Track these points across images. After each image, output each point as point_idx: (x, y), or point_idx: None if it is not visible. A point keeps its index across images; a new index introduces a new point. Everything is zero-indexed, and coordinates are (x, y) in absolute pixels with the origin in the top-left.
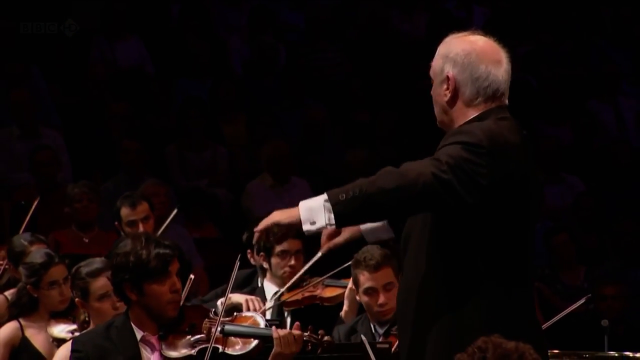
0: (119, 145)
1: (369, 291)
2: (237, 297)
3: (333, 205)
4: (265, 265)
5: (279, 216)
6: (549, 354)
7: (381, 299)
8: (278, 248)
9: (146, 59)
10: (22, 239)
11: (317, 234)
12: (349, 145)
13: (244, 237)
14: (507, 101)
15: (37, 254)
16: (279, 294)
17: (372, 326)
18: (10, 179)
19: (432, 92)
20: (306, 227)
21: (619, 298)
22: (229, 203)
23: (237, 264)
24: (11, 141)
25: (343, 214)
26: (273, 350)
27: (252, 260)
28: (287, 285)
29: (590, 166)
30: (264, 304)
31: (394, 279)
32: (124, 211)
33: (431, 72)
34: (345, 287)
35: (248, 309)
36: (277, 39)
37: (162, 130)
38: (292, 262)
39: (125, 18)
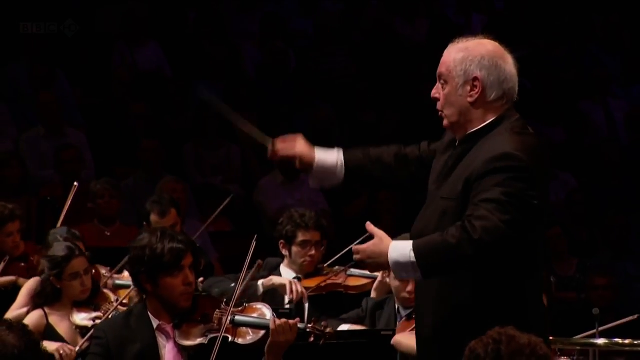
0: (138, 144)
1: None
2: (280, 280)
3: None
4: (285, 252)
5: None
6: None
7: (410, 287)
8: (300, 238)
9: (164, 63)
10: (58, 233)
11: None
12: (355, 143)
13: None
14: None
15: (59, 247)
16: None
17: (396, 307)
18: (37, 175)
19: (446, 95)
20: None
21: (609, 288)
22: (242, 198)
23: (253, 244)
24: (38, 140)
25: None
26: (269, 340)
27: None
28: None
29: (582, 163)
30: (275, 292)
31: None
32: (153, 217)
33: (445, 76)
34: (370, 278)
35: (291, 292)
36: (288, 44)
37: (179, 130)
38: (312, 252)
39: (144, 24)
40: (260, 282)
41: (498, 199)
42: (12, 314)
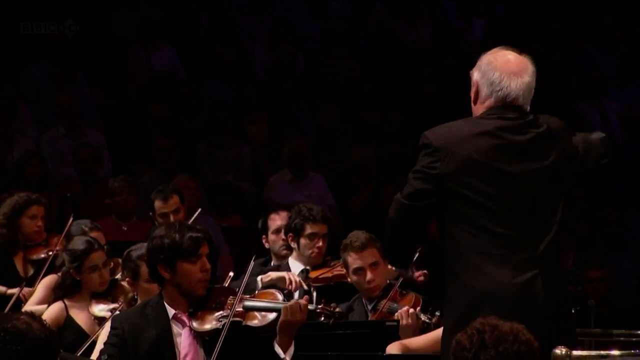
0: (154, 143)
1: (357, 271)
2: (277, 274)
3: None
4: (293, 245)
5: None
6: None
7: (368, 275)
8: (308, 230)
9: (178, 66)
10: (82, 224)
11: None
12: (360, 142)
13: (259, 223)
14: (522, 104)
15: (79, 241)
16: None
17: (364, 303)
18: (57, 173)
19: None
20: None
21: (604, 281)
22: (253, 195)
23: (251, 264)
24: (57, 140)
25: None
26: (280, 320)
27: (266, 245)
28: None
29: None
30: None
31: (379, 258)
32: (157, 204)
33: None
34: None
35: (290, 283)
36: (296, 47)
37: (193, 129)
38: (320, 243)
39: (159, 29)
40: (259, 278)
41: (408, 176)
42: (30, 307)
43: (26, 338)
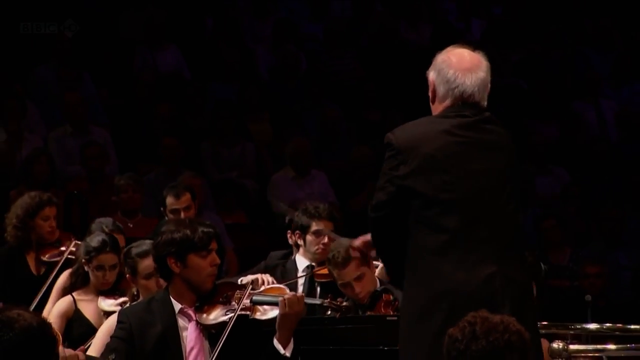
0: (159, 141)
1: (344, 286)
2: (251, 276)
3: None
4: (300, 242)
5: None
6: (538, 326)
7: (356, 289)
8: (314, 227)
9: (183, 66)
10: (103, 223)
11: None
12: (361, 141)
13: (287, 220)
14: (479, 100)
15: (96, 237)
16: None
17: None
18: (64, 171)
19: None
20: None
21: (601, 276)
22: (256, 192)
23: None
24: (65, 138)
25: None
26: (279, 314)
27: (290, 240)
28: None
29: (575, 159)
30: (291, 277)
31: (363, 269)
32: (169, 200)
33: None
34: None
35: (263, 283)
36: (299, 47)
37: (197, 128)
38: (325, 240)
39: (164, 30)
40: (240, 280)
41: (379, 181)
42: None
43: (16, 324)
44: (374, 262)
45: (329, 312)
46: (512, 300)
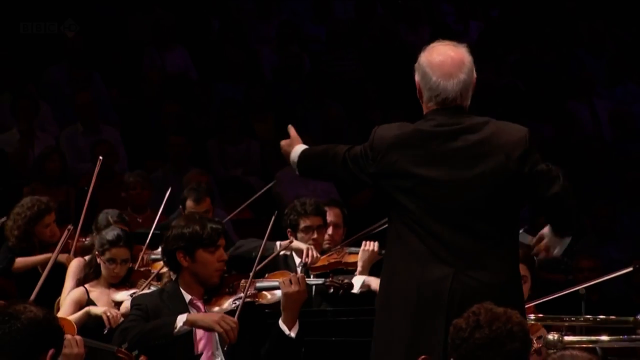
0: (167, 139)
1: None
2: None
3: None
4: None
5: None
6: (534, 318)
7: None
8: (302, 224)
9: (190, 66)
10: (109, 214)
11: None
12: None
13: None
14: (461, 103)
15: (112, 231)
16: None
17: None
18: (75, 168)
19: None
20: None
21: (594, 270)
22: (261, 189)
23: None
24: (76, 136)
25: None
26: (281, 296)
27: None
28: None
29: (570, 158)
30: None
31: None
32: (189, 203)
33: None
34: None
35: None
36: (302, 48)
37: (204, 127)
38: (315, 236)
39: (172, 31)
40: (278, 243)
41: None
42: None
43: (22, 315)
44: (352, 248)
45: (332, 291)
46: (459, 305)
